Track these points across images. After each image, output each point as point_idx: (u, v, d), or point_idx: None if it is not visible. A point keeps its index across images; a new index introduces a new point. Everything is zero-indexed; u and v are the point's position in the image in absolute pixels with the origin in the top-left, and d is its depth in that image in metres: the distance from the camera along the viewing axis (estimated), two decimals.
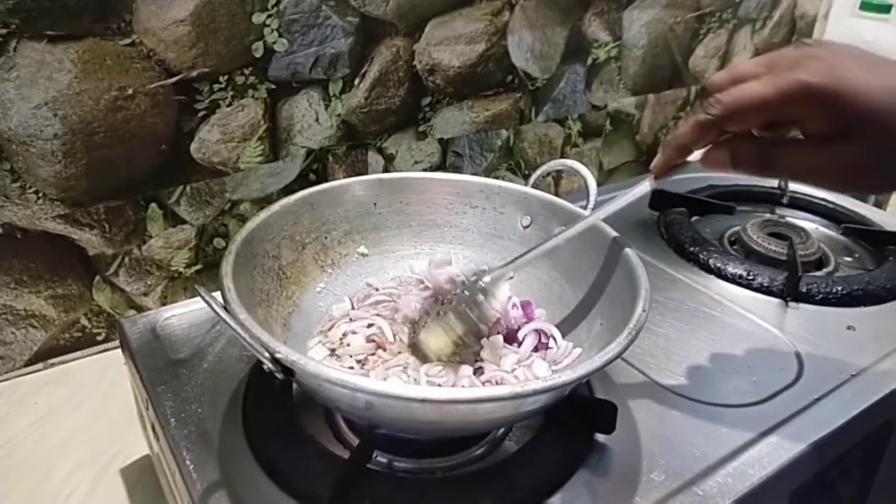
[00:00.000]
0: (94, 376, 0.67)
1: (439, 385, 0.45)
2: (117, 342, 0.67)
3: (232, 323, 0.38)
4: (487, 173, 0.91)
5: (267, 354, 0.37)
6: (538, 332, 0.50)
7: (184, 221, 0.70)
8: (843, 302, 0.63)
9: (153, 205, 0.67)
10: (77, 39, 0.58)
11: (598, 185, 0.57)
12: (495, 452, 0.46)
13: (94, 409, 0.63)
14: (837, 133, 0.39)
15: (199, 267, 0.73)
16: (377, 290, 0.56)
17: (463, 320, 0.47)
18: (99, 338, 0.70)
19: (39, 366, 0.67)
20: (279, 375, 0.38)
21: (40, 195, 0.61)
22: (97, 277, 0.67)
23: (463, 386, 0.45)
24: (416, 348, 0.48)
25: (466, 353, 0.48)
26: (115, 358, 0.66)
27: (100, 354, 0.70)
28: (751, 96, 0.40)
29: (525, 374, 0.47)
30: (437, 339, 0.47)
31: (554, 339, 0.50)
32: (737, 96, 0.40)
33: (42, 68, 0.57)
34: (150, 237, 0.68)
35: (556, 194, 0.57)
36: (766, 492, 0.45)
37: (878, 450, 0.57)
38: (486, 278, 0.47)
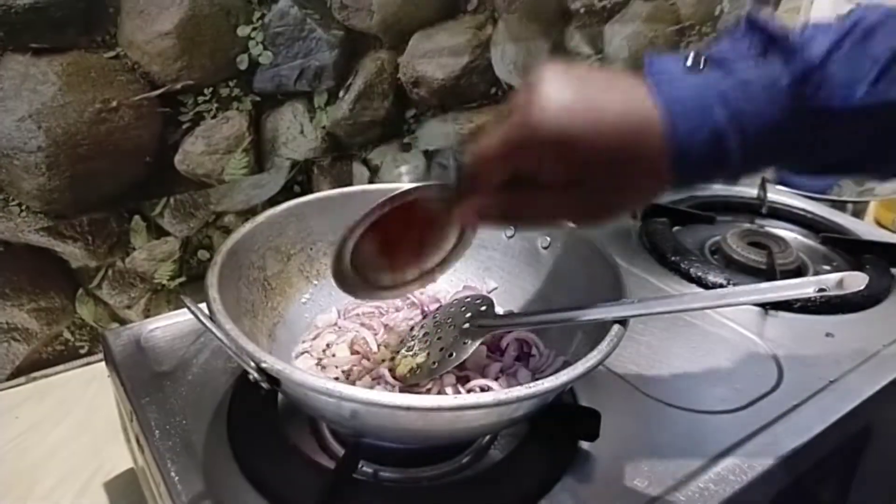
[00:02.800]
0: (77, 390, 0.66)
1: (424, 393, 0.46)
2: (100, 355, 0.67)
3: (218, 333, 0.38)
4: None
5: (253, 364, 0.37)
6: (520, 341, 0.51)
7: (168, 233, 0.69)
8: (822, 310, 0.64)
9: (137, 217, 0.67)
10: (61, 52, 0.58)
11: None
12: (481, 461, 0.46)
13: (76, 423, 0.63)
14: (570, 179, 0.37)
15: (182, 279, 0.72)
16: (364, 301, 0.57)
17: (436, 356, 0.47)
18: (82, 351, 0.69)
19: (22, 379, 0.67)
20: (265, 385, 0.38)
21: (23, 208, 0.61)
22: (80, 290, 0.67)
23: (447, 394, 0.46)
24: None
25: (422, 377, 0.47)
26: (98, 371, 0.66)
27: (83, 368, 0.69)
28: (483, 150, 0.38)
29: (508, 382, 0.48)
30: (406, 364, 0.48)
31: (536, 347, 0.51)
32: (474, 152, 0.39)
33: (26, 81, 0.57)
34: (134, 249, 0.68)
35: None
36: (747, 497, 0.45)
37: (856, 455, 0.58)
38: (475, 323, 0.47)
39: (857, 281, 0.37)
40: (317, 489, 0.41)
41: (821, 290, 0.37)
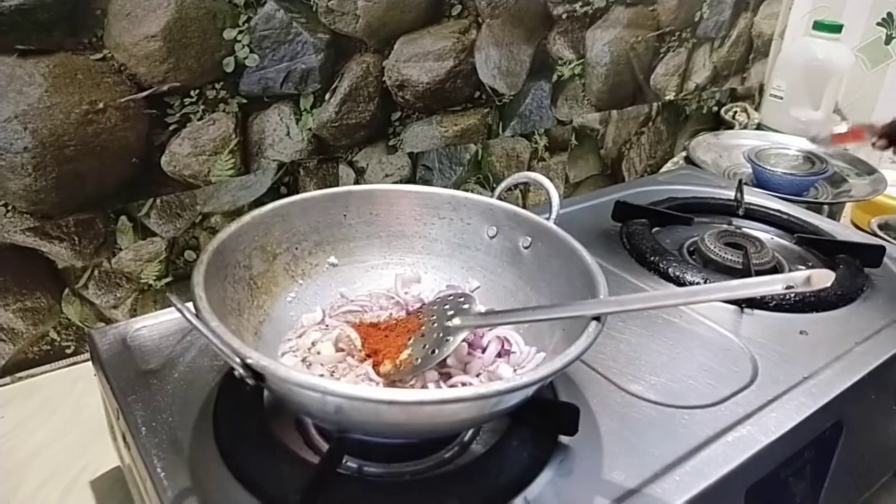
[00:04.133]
0: (63, 389, 0.66)
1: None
2: (86, 355, 0.67)
3: (203, 329, 0.39)
4: (456, 186, 0.92)
5: (238, 360, 0.38)
6: (501, 338, 0.52)
7: (154, 234, 0.70)
8: (796, 308, 0.66)
9: (123, 217, 0.67)
10: (48, 54, 0.58)
11: (565, 197, 0.59)
12: (463, 455, 0.47)
13: (63, 423, 0.63)
14: None
15: (169, 279, 0.73)
16: (351, 300, 0.57)
17: (419, 353, 0.47)
18: (68, 351, 0.69)
19: (7, 379, 0.67)
20: (250, 381, 0.39)
21: (9, 208, 0.61)
22: (66, 290, 0.67)
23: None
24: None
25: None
26: (84, 371, 0.66)
27: (69, 368, 0.69)
28: None
29: (489, 377, 0.49)
30: (389, 361, 0.48)
31: (517, 344, 0.52)
32: None
33: (12, 82, 0.58)
34: (120, 250, 0.69)
35: (525, 207, 0.59)
36: (723, 489, 0.47)
37: (829, 449, 0.59)
38: (457, 321, 0.48)
39: (824, 279, 0.38)
40: (302, 484, 0.42)
41: (789, 287, 0.38)
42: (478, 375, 0.49)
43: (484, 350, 0.51)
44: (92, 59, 0.61)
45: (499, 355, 0.51)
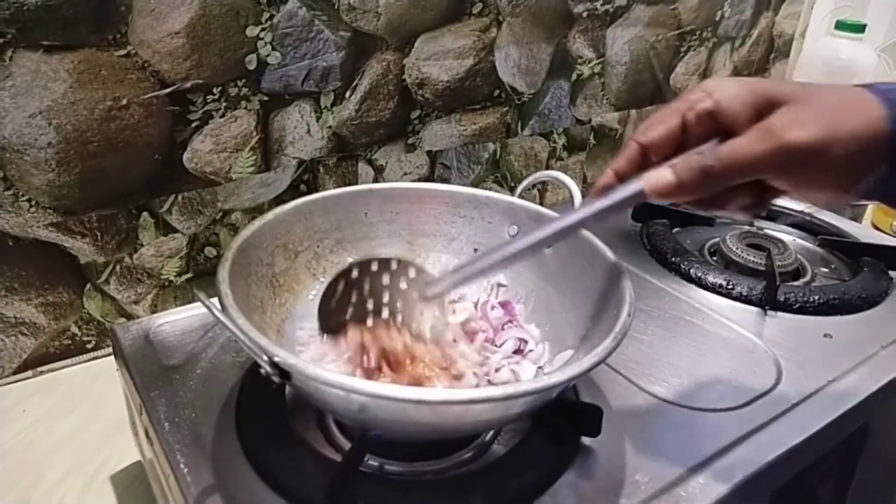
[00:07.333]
0: (84, 384, 0.67)
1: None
2: (107, 350, 0.68)
3: (232, 327, 0.39)
4: (475, 185, 0.92)
5: (265, 358, 0.38)
6: (518, 339, 0.51)
7: (175, 230, 0.70)
8: (820, 311, 0.65)
9: (145, 213, 0.68)
10: (73, 50, 0.59)
11: (582, 197, 0.58)
12: (484, 455, 0.47)
13: (83, 417, 0.63)
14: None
15: (189, 275, 0.73)
16: None
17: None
18: (89, 346, 0.70)
19: (29, 373, 0.67)
20: (276, 379, 0.39)
21: (33, 203, 0.62)
22: (88, 285, 0.67)
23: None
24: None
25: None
26: (105, 366, 0.67)
27: (90, 362, 0.70)
28: (744, 161, 0.38)
29: (514, 373, 0.48)
30: None
31: (533, 341, 0.51)
32: (731, 160, 0.39)
33: (37, 78, 0.58)
34: (142, 246, 0.69)
35: (542, 206, 0.58)
36: (747, 493, 0.46)
37: (854, 453, 0.59)
38: (431, 290, 0.48)
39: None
40: (324, 481, 0.42)
41: None
42: (497, 371, 0.49)
43: (501, 346, 0.51)
44: (116, 55, 0.61)
45: (517, 352, 0.51)
